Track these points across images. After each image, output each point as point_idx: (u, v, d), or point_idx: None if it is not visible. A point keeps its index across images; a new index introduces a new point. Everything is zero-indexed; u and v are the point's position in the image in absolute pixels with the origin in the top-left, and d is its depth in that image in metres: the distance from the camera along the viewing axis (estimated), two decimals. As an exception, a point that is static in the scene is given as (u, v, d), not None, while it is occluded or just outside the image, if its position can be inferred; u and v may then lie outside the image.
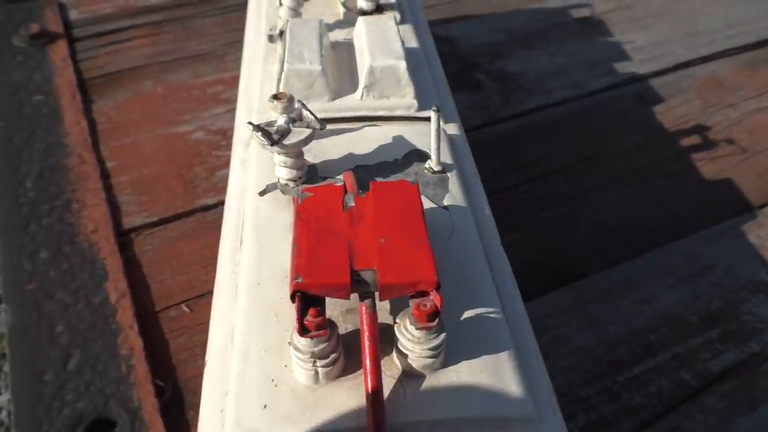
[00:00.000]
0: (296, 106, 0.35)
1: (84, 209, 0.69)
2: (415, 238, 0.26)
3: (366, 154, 0.38)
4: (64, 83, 0.87)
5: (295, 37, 0.42)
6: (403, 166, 0.37)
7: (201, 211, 0.70)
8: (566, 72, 0.91)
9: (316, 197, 0.29)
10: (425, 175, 0.37)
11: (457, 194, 0.36)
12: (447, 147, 0.38)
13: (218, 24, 1.00)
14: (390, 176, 0.36)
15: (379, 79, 0.41)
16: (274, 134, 0.33)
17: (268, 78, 0.45)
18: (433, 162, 0.37)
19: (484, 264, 0.32)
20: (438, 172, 0.37)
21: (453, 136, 0.41)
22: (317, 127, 0.33)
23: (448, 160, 0.38)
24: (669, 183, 0.75)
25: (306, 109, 0.34)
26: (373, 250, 0.26)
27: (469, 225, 0.34)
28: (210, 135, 0.80)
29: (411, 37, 0.49)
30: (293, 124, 0.33)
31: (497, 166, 0.76)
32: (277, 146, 0.32)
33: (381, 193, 0.29)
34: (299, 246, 0.26)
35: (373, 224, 0.27)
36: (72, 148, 0.76)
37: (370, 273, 0.25)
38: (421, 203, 0.29)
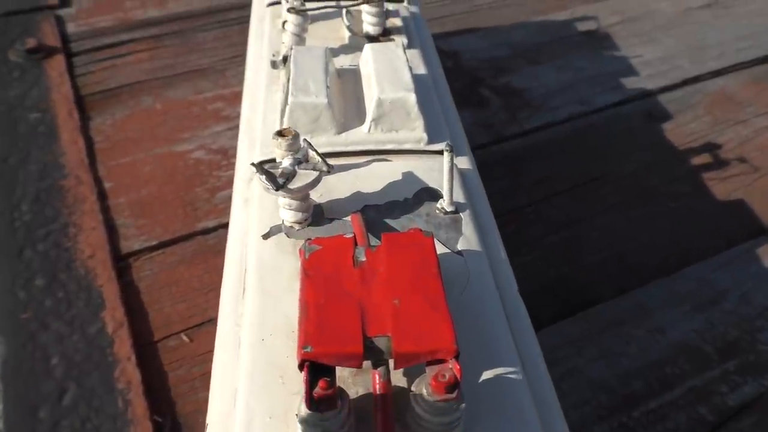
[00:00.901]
0: (302, 145, 0.33)
1: (81, 233, 0.67)
2: (432, 300, 0.25)
3: (374, 192, 0.36)
4: (61, 100, 0.85)
5: (300, 67, 0.40)
6: (414, 205, 0.35)
7: (201, 234, 0.68)
8: (572, 87, 0.89)
9: (325, 251, 0.27)
10: (437, 216, 0.35)
11: (471, 237, 0.34)
12: (459, 184, 0.37)
13: (218, 38, 0.99)
14: (400, 217, 0.35)
15: (387, 112, 0.39)
16: (279, 177, 0.31)
17: (271, 107, 0.43)
18: (446, 202, 0.35)
19: (502, 318, 0.30)
20: (450, 213, 0.35)
21: (464, 170, 0.39)
22: (324, 169, 0.31)
23: (460, 199, 0.36)
24: (679, 204, 0.73)
25: (312, 149, 0.32)
26: (387, 313, 0.24)
27: (485, 273, 0.32)
28: (210, 154, 0.78)
29: (419, 62, 0.48)
30: (299, 165, 0.32)
31: (503, 185, 0.75)
32: (282, 191, 0.31)
33: (394, 247, 0.27)
34: (308, 309, 0.25)
35: (386, 283, 0.26)
36: (69, 169, 0.74)
37: (384, 340, 0.24)
38: (437, 257, 0.27)
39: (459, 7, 1.08)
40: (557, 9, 1.07)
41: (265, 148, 0.40)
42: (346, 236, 0.28)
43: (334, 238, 0.28)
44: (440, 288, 0.25)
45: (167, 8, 1.06)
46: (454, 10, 1.07)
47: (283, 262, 0.32)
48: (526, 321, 0.31)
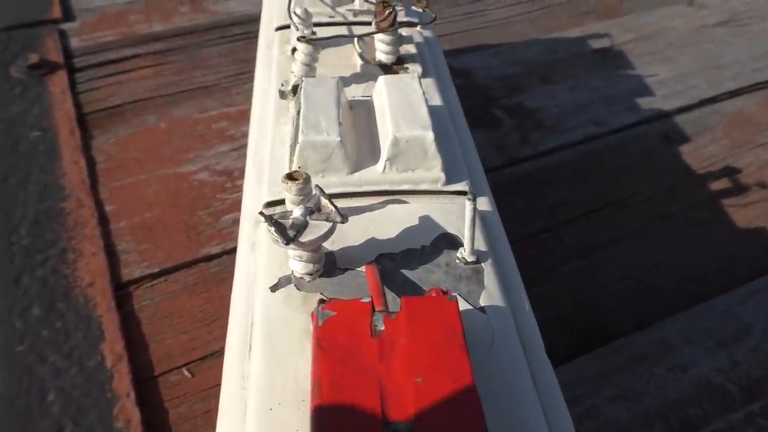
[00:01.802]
0: (313, 192, 0.31)
1: (80, 259, 0.65)
2: (458, 378, 0.22)
3: (390, 239, 0.34)
4: (63, 117, 0.83)
5: (310, 101, 0.38)
6: (432, 254, 0.33)
7: (204, 260, 0.66)
8: (587, 108, 0.87)
9: (340, 318, 0.25)
10: (457, 266, 0.33)
11: (494, 291, 0.32)
12: (480, 229, 0.34)
13: (223, 54, 0.97)
14: (418, 267, 0.32)
15: (403, 151, 0.37)
16: (290, 229, 0.29)
17: (279, 141, 0.41)
18: (467, 252, 0.32)
19: (529, 383, 0.27)
20: (472, 263, 0.33)
21: (485, 213, 0.37)
22: (338, 220, 0.29)
23: (481, 246, 0.34)
24: (699, 231, 0.71)
25: (324, 196, 0.30)
26: (409, 393, 0.22)
27: (510, 332, 0.30)
28: (215, 176, 0.76)
29: (434, 93, 0.46)
30: (310, 215, 0.29)
31: (518, 210, 0.72)
32: (293, 244, 0.28)
33: (415, 315, 0.25)
34: (321, 386, 0.22)
35: (407, 358, 0.23)
36: (69, 190, 0.72)
37: (406, 427, 0.21)
38: (462, 326, 0.25)
39: (470, 23, 1.06)
40: (569, 26, 1.05)
41: (273, 186, 0.38)
42: (363, 300, 0.26)
43: (350, 303, 0.26)
44: (467, 363, 0.23)
45: (172, 23, 1.05)
46: (464, 26, 1.05)
47: (293, 319, 0.30)
48: (556, 390, 0.29)
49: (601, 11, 1.09)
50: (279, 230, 0.28)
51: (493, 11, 1.09)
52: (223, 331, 0.61)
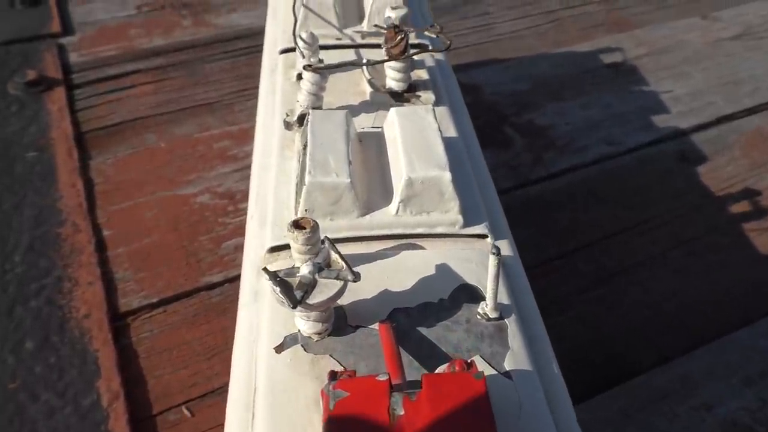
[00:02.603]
0: (322, 245, 0.28)
1: (76, 288, 0.62)
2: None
3: (405, 291, 0.31)
4: (60, 137, 0.81)
5: (318, 138, 0.36)
6: (452, 309, 0.30)
7: (205, 289, 0.64)
8: (600, 126, 0.85)
9: (354, 400, 0.22)
10: (479, 323, 0.30)
11: (519, 352, 0.29)
12: (502, 279, 0.32)
13: (225, 69, 0.95)
14: (436, 325, 0.30)
15: (418, 193, 0.34)
16: (297, 289, 0.26)
17: (284, 178, 0.38)
18: (489, 307, 0.30)
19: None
20: (494, 319, 0.30)
21: (505, 258, 0.34)
22: (350, 279, 0.27)
23: (503, 298, 0.31)
24: (720, 258, 0.68)
25: (334, 250, 0.28)
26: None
27: (539, 400, 0.27)
28: (216, 198, 0.73)
29: (448, 123, 0.43)
30: (319, 273, 0.27)
31: (530, 235, 0.70)
32: (301, 307, 0.26)
33: (438, 396, 0.22)
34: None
35: (431, 450, 0.21)
36: (66, 214, 0.70)
37: None
38: (491, 410, 0.22)
39: (477, 37, 1.03)
40: (580, 40, 1.02)
41: (278, 229, 0.35)
42: (379, 378, 0.23)
43: (365, 381, 0.23)
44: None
45: (173, 37, 1.02)
46: (473, 40, 1.02)
47: (300, 386, 0.27)
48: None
49: (611, 24, 1.06)
50: (285, 291, 0.26)
51: (500, 24, 1.06)
52: (224, 365, 0.59)
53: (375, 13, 0.51)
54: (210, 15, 1.08)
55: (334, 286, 0.27)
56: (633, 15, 1.09)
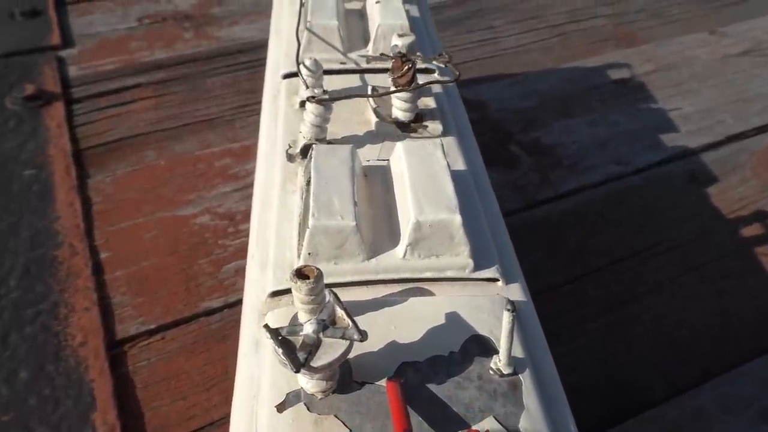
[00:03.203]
0: (327, 298, 0.27)
1: (73, 314, 0.61)
2: None
3: (413, 342, 0.30)
4: (58, 154, 0.79)
5: (322, 176, 0.34)
6: (463, 363, 0.29)
7: (205, 315, 0.62)
8: (608, 145, 0.83)
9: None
10: (492, 379, 0.28)
11: (535, 412, 0.27)
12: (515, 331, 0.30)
13: (227, 84, 0.93)
14: (446, 381, 0.28)
15: (427, 236, 0.32)
16: (300, 350, 0.24)
17: (286, 215, 0.37)
18: (502, 363, 0.28)
19: None
20: (508, 375, 0.28)
21: (518, 304, 0.33)
22: (356, 338, 0.25)
23: (517, 351, 0.29)
24: (732, 285, 0.66)
25: (339, 306, 0.26)
26: None
27: (557, 468, 0.25)
28: (216, 219, 0.72)
29: (456, 154, 0.41)
30: (324, 332, 0.25)
31: (538, 259, 0.68)
32: (304, 369, 0.24)
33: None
34: None
35: None
36: (63, 236, 0.68)
37: None
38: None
39: (483, 51, 1.02)
40: (586, 54, 1.01)
41: (279, 271, 0.34)
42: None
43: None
44: None
45: (175, 50, 1.01)
46: (477, 54, 1.01)
47: (303, 449, 0.26)
48: None
49: (619, 39, 1.05)
50: (287, 352, 0.24)
51: (506, 39, 1.05)
52: (223, 396, 0.57)
53: (380, 37, 0.50)
54: (212, 28, 1.07)
55: (340, 347, 0.25)
56: (640, 29, 1.07)
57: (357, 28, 0.54)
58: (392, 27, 0.49)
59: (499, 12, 1.12)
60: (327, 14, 0.50)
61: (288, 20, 0.57)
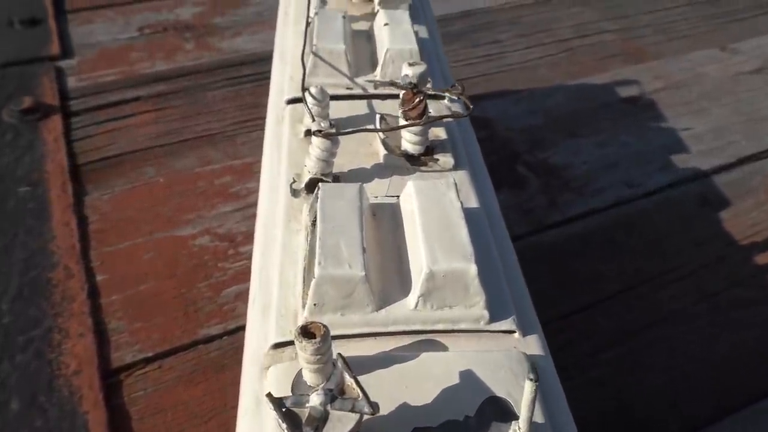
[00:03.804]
0: (336, 364, 0.25)
1: (67, 341, 0.59)
2: None
3: (426, 405, 0.28)
4: (55, 170, 0.77)
5: (329, 219, 0.32)
6: (479, 429, 0.27)
7: (204, 342, 0.60)
8: (618, 166, 0.81)
9: None
10: (511, 448, 0.26)
11: (557, 487, 0.25)
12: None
13: (229, 98, 0.92)
14: (461, 450, 0.26)
15: (440, 287, 0.31)
16: (306, 425, 0.22)
17: (290, 256, 0.35)
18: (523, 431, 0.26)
19: None
20: (528, 444, 0.26)
21: (536, 360, 0.31)
22: (366, 411, 0.23)
23: (538, 417, 0.28)
24: (747, 315, 0.64)
25: (349, 374, 0.24)
26: None
27: None
28: (216, 240, 0.70)
29: (469, 190, 0.40)
30: (332, 404, 0.23)
31: (546, 287, 0.66)
32: (310, 447, 0.22)
33: None
34: None
35: None
36: (58, 257, 0.66)
37: None
38: None
39: (488, 66, 1.00)
40: (595, 71, 0.99)
41: (282, 320, 0.32)
42: None
43: None
44: None
45: (176, 61, 0.99)
46: (483, 70, 0.99)
47: None
48: None
49: (627, 55, 1.03)
50: (292, 427, 0.22)
51: (512, 54, 1.03)
52: (222, 429, 0.55)
53: (389, 62, 0.48)
54: (214, 38, 1.05)
55: (349, 421, 0.23)
56: (649, 45, 1.06)
57: (364, 51, 0.52)
58: (401, 52, 0.48)
59: (506, 25, 1.10)
60: (334, 37, 0.48)
61: (293, 40, 0.55)
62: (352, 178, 0.40)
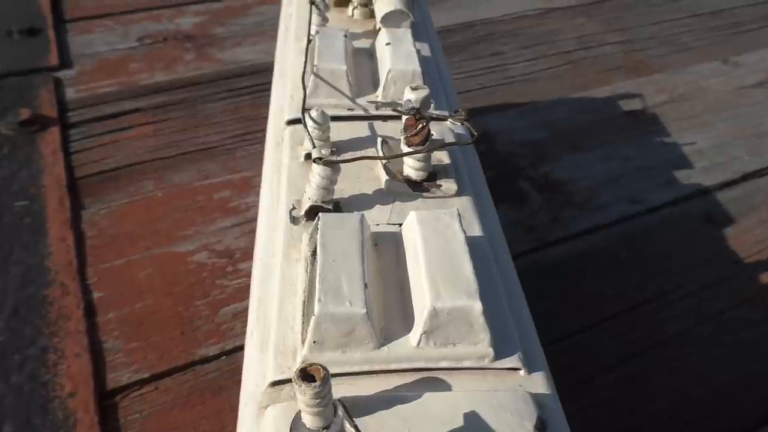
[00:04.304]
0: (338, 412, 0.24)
1: (62, 361, 0.58)
2: None
3: (429, 450, 0.27)
4: (52, 183, 0.76)
5: (330, 252, 0.31)
6: (483, 476, 0.26)
7: (200, 363, 0.59)
8: (621, 181, 0.80)
9: None
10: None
11: None
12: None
13: (228, 110, 0.91)
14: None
15: (443, 324, 0.30)
16: (305, 479, 0.22)
17: (289, 288, 0.34)
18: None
19: None
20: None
21: (542, 399, 0.30)
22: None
23: (545, 463, 0.27)
24: (752, 335, 0.63)
25: (349, 422, 0.23)
26: None
27: None
28: (214, 257, 0.69)
29: (472, 217, 0.39)
30: (333, 454, 0.22)
31: (549, 306, 0.65)
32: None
33: None
34: None
35: None
36: (54, 274, 0.65)
37: None
38: None
39: (490, 78, 0.99)
40: (597, 84, 0.98)
41: (281, 357, 0.31)
42: None
43: None
44: None
45: (176, 72, 0.99)
46: (484, 82, 0.99)
47: None
48: None
49: (630, 67, 1.03)
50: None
51: (513, 66, 1.02)
52: (218, 454, 0.55)
53: (391, 83, 0.47)
54: (213, 48, 1.05)
55: (350, 473, 0.22)
56: (651, 57, 1.05)
57: (366, 70, 0.51)
58: (403, 73, 0.47)
59: (508, 37, 1.10)
60: (335, 57, 0.48)
61: (293, 58, 0.54)
62: (353, 205, 0.39)
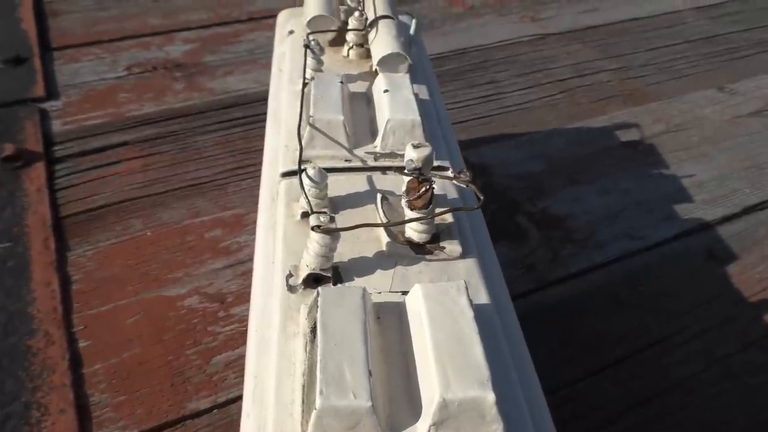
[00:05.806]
0: None
1: (46, 418, 0.55)
2: None
3: None
4: (37, 223, 0.74)
5: (331, 335, 0.29)
6: None
7: (191, 417, 0.57)
8: (620, 216, 0.79)
9: None
10: None
11: None
12: None
13: (219, 143, 0.89)
14: None
15: (454, 415, 0.28)
16: None
17: (287, 366, 0.32)
18: None
19: None
20: None
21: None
22: None
23: None
24: (759, 381, 0.62)
25: None
26: None
27: None
28: (205, 301, 0.67)
29: (478, 282, 0.37)
30: None
31: (551, 350, 0.64)
32: None
33: None
34: None
35: None
36: (38, 322, 0.63)
37: None
38: None
39: (485, 108, 0.98)
40: (594, 113, 0.97)
41: (280, 448, 0.29)
42: None
43: None
44: None
45: (165, 102, 0.97)
46: (480, 111, 0.97)
47: None
48: None
49: (626, 96, 1.02)
50: None
51: (509, 95, 1.01)
52: None
53: (389, 133, 0.46)
54: (204, 78, 1.03)
55: None
56: (647, 85, 1.04)
57: (363, 118, 0.49)
58: (403, 123, 0.45)
59: (503, 64, 1.09)
60: (331, 107, 0.46)
61: (288, 103, 0.52)
62: (353, 270, 0.37)
